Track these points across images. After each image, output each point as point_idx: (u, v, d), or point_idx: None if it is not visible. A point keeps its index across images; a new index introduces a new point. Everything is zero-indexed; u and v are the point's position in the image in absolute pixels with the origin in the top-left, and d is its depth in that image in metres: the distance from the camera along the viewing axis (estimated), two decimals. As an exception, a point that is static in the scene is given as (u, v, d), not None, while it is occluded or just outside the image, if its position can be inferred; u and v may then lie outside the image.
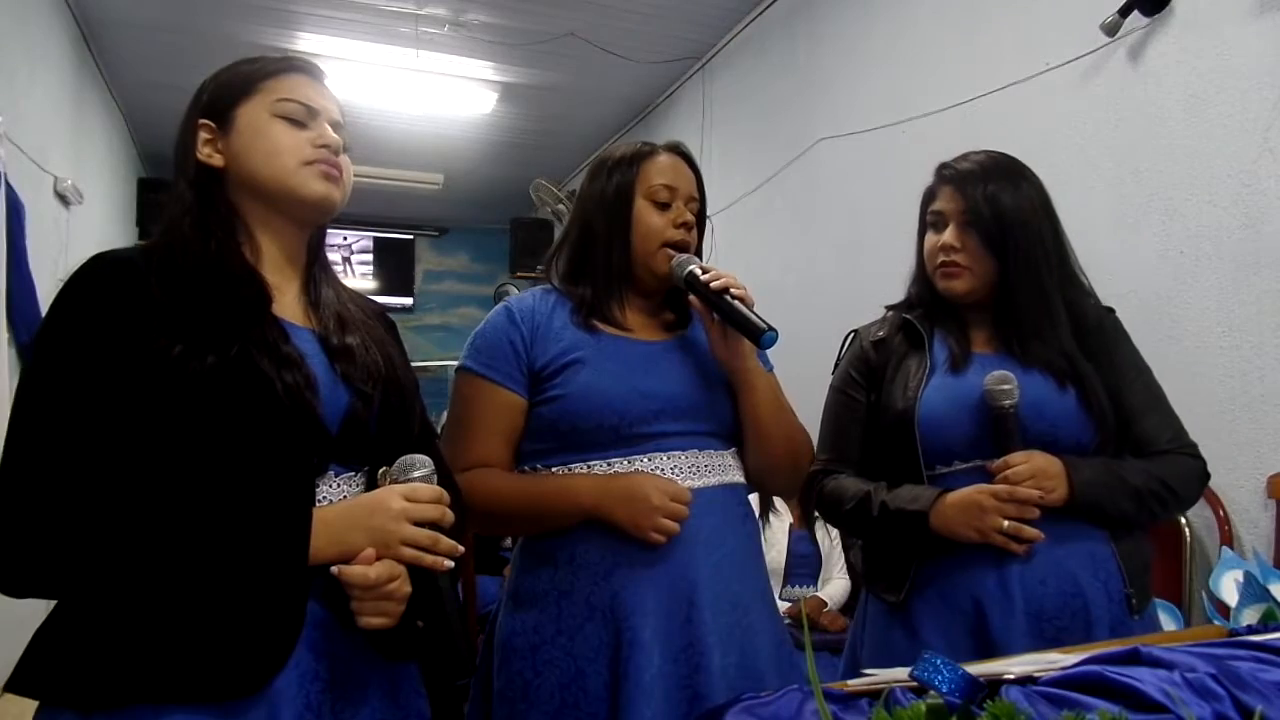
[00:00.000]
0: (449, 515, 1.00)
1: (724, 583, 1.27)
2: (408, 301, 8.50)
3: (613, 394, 1.27)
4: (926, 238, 1.47)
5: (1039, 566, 1.31)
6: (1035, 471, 1.29)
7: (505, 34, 4.56)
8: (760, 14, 4.30)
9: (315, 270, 1.13)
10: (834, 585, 2.96)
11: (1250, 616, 1.71)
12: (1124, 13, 2.31)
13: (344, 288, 1.17)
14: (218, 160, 1.06)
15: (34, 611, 0.95)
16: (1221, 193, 2.12)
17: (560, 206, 6.39)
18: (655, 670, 1.20)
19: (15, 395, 0.93)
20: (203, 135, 1.06)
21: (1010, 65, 2.77)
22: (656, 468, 1.28)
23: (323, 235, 1.17)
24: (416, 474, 1.00)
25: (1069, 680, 0.81)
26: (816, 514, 2.95)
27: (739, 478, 1.37)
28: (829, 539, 3.04)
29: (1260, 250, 2.03)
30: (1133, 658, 0.84)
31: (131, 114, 5.75)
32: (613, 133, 6.11)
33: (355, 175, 1.12)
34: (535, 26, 4.46)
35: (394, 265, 8.53)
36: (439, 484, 1.03)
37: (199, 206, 1.04)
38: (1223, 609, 1.82)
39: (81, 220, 4.47)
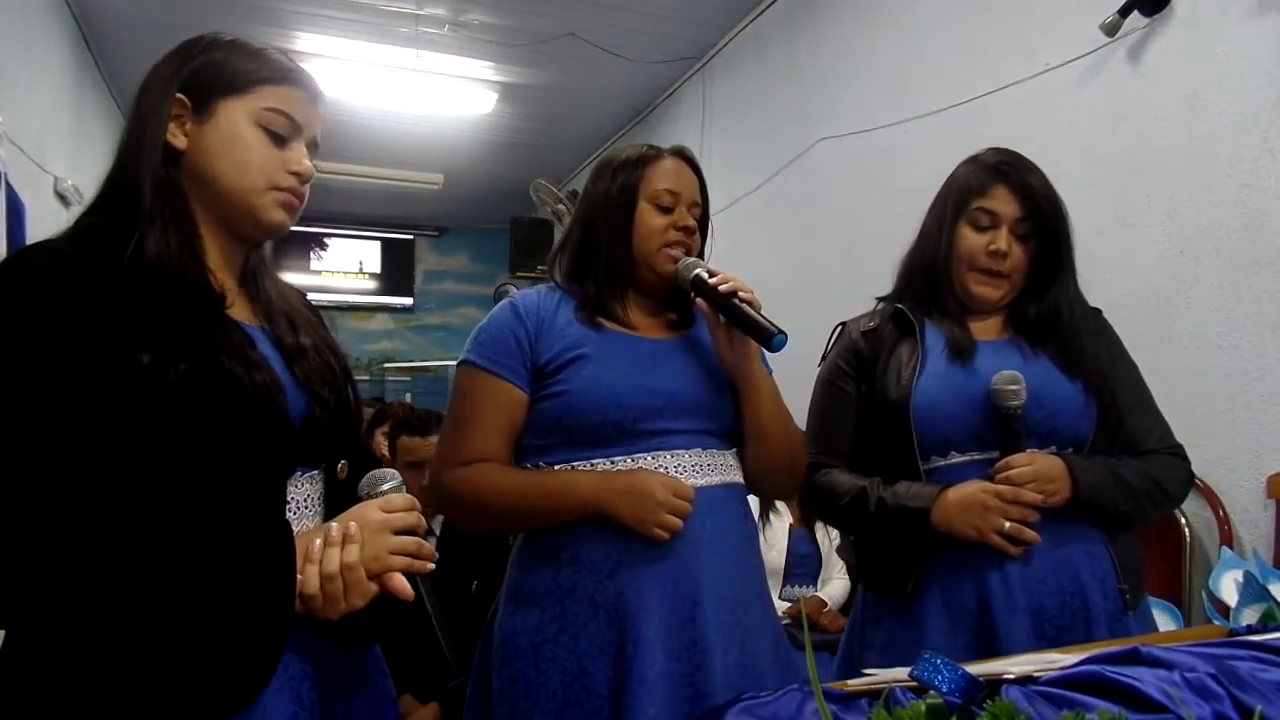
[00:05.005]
0: (424, 522, 1.01)
1: (726, 582, 1.27)
2: (408, 301, 8.50)
3: (619, 389, 1.26)
4: (967, 234, 1.41)
5: (1039, 566, 1.31)
6: (1039, 475, 1.29)
7: (505, 34, 4.56)
8: (760, 14, 4.30)
9: (253, 262, 1.09)
10: (834, 585, 2.96)
11: (1250, 616, 1.71)
12: (1124, 13, 2.31)
13: (279, 280, 1.13)
14: (181, 142, 0.99)
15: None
16: (1221, 193, 2.12)
17: (560, 206, 6.38)
18: (659, 668, 1.20)
19: None
20: (174, 110, 0.99)
21: (1010, 65, 2.77)
22: (660, 465, 1.27)
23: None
24: (387, 486, 1.02)
25: (1069, 680, 0.81)
26: (817, 514, 2.99)
27: (739, 478, 1.37)
28: (829, 539, 3.04)
29: (1260, 250, 2.03)
30: (1133, 658, 0.84)
31: (131, 114, 5.75)
32: (613, 133, 6.11)
33: (355, 175, 1.11)
34: (535, 26, 4.46)
35: (394, 265, 8.54)
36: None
37: (167, 194, 0.97)
38: (1223, 609, 1.82)
39: (81, 220, 4.46)
